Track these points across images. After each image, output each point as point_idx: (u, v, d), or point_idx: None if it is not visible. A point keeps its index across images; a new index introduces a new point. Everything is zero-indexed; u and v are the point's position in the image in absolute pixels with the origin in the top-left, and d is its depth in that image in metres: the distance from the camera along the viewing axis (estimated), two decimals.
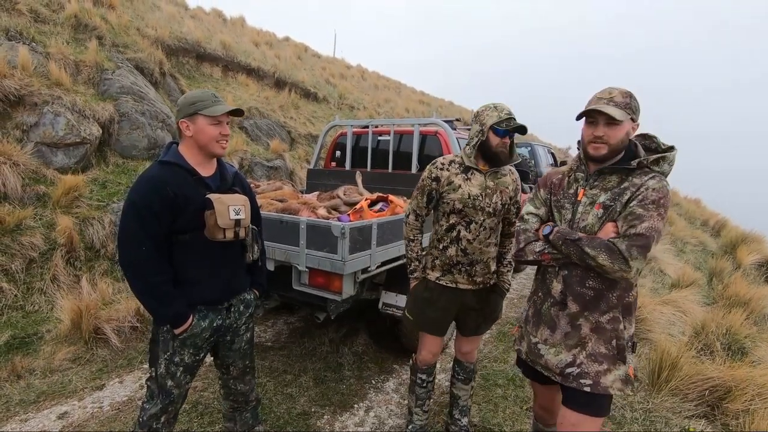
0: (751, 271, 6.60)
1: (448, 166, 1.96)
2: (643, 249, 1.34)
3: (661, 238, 1.38)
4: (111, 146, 5.21)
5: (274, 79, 10.02)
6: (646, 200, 1.37)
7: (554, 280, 1.57)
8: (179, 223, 1.56)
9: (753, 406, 2.51)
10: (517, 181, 2.03)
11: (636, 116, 1.45)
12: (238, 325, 1.79)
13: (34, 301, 3.52)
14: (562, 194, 1.59)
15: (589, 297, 1.48)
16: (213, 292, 1.68)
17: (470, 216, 1.91)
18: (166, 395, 1.63)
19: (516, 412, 2.60)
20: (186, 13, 10.87)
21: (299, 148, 8.38)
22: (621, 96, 1.43)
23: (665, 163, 1.46)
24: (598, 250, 1.38)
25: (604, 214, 1.45)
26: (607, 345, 1.47)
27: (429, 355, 2.14)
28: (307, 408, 2.58)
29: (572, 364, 1.51)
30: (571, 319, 1.52)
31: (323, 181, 4.10)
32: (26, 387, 2.67)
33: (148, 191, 1.52)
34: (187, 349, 1.62)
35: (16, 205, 3.91)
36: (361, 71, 18.03)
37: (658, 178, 1.41)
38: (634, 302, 1.50)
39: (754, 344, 3.54)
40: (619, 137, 1.43)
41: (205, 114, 1.59)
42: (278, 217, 2.51)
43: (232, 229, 1.62)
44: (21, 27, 5.35)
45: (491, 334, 3.79)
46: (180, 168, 1.60)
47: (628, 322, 1.49)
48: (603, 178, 1.50)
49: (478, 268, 1.96)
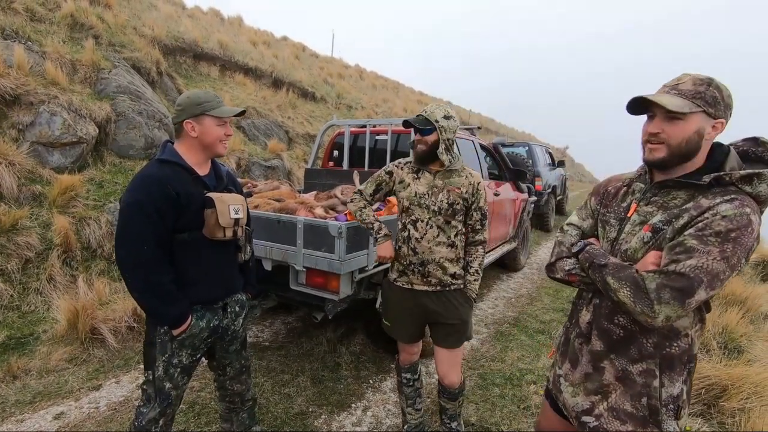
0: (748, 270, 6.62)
1: (404, 166, 2.05)
2: (679, 293, 1.02)
3: (721, 285, 1.03)
4: (108, 146, 5.19)
5: (272, 79, 10.01)
6: (708, 229, 1.03)
7: (585, 308, 1.32)
8: (181, 221, 1.55)
9: (749, 404, 2.51)
10: (476, 186, 1.96)
11: (717, 111, 1.09)
12: (235, 328, 1.80)
13: (30, 301, 3.51)
14: (614, 207, 1.30)
15: (618, 337, 1.21)
16: (210, 292, 1.68)
17: (416, 214, 1.95)
18: (164, 398, 1.61)
19: (513, 411, 2.60)
20: (183, 13, 10.84)
21: (297, 147, 8.37)
22: (692, 83, 1.10)
23: (762, 182, 1.06)
24: (622, 284, 1.10)
25: (651, 239, 1.15)
26: (635, 402, 1.18)
27: (407, 356, 2.16)
28: (305, 408, 2.57)
29: (589, 412, 1.26)
30: (593, 358, 1.26)
31: (321, 180, 4.10)
32: (22, 387, 2.66)
33: (151, 189, 1.49)
34: (185, 350, 1.61)
35: (12, 205, 3.90)
36: (359, 71, 18.03)
37: (739, 203, 1.03)
38: (681, 355, 1.16)
39: (750, 343, 3.55)
40: (683, 136, 1.10)
41: (212, 115, 1.60)
42: (276, 217, 2.51)
43: (231, 228, 1.64)
44: (17, 26, 5.32)
45: (488, 334, 3.79)
46: (179, 167, 1.59)
47: (669, 379, 1.16)
48: (666, 193, 1.17)
49: (431, 268, 1.93)
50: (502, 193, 4.68)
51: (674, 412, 1.16)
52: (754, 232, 1.03)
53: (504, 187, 4.86)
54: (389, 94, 17.02)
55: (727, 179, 1.08)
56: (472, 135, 4.81)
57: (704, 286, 1.01)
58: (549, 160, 10.69)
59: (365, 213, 2.08)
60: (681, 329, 1.16)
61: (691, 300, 1.02)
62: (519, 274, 6.00)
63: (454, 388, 2.07)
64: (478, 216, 1.98)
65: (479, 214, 1.98)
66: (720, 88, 1.09)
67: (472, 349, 3.45)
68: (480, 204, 1.98)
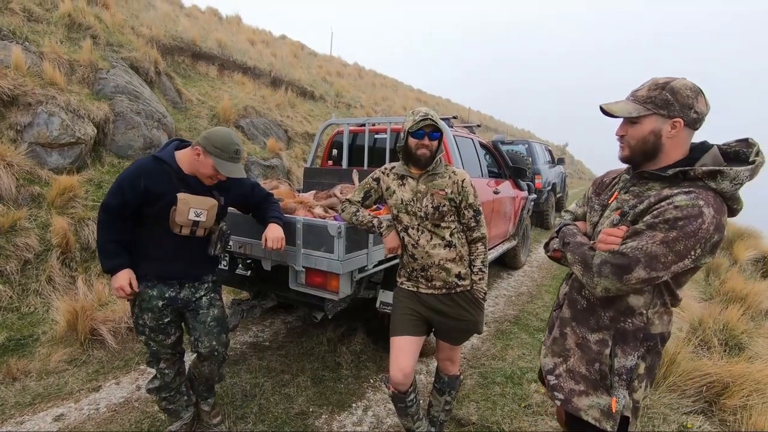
0: (748, 266, 6.61)
1: (389, 172, 2.02)
2: (617, 269, 1.16)
3: (664, 268, 1.13)
4: (106, 146, 5.18)
5: (271, 78, 9.98)
6: (660, 216, 1.14)
7: (565, 282, 1.52)
8: (150, 210, 1.85)
9: (750, 401, 2.51)
10: (461, 183, 1.92)
11: (671, 111, 1.19)
12: (197, 297, 2.05)
13: (30, 302, 3.50)
14: (603, 195, 1.45)
15: (581, 307, 1.39)
16: (164, 270, 1.95)
17: (405, 221, 1.93)
18: (149, 348, 2.04)
19: (514, 410, 2.60)
20: (181, 12, 10.81)
21: (296, 146, 8.35)
22: (647, 88, 1.24)
23: (724, 179, 1.14)
24: (576, 258, 1.30)
25: (619, 221, 1.28)
26: (589, 367, 1.34)
27: (399, 374, 1.89)
28: (305, 408, 2.57)
29: (552, 371, 1.44)
30: (561, 324, 1.45)
31: (320, 179, 4.08)
32: (22, 389, 2.65)
33: (128, 175, 1.84)
34: (145, 313, 1.95)
35: (10, 206, 3.88)
36: (357, 69, 17.98)
37: (694, 195, 1.12)
38: (635, 331, 1.29)
39: (751, 340, 3.55)
40: (639, 136, 1.24)
41: (214, 164, 1.85)
42: None
43: (188, 227, 1.90)
44: (14, 26, 5.30)
45: (489, 332, 3.78)
46: (167, 166, 1.87)
47: (622, 351, 1.29)
48: (643, 184, 1.30)
49: (433, 271, 1.89)
50: (502, 191, 4.67)
51: (627, 382, 1.30)
52: (705, 223, 1.10)
53: (504, 185, 4.85)
54: (388, 92, 16.98)
55: (692, 174, 1.18)
56: (472, 133, 4.80)
57: (642, 266, 1.14)
58: (549, 158, 10.67)
59: (360, 215, 2.04)
60: (636, 308, 1.28)
61: (629, 276, 1.15)
62: (519, 271, 6.00)
63: (447, 374, 2.11)
64: (470, 213, 1.93)
65: (471, 211, 1.93)
66: (675, 90, 1.19)
67: (472, 348, 3.45)
68: (470, 201, 1.92)
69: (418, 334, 1.95)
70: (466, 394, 2.76)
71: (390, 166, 2.06)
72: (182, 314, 2.07)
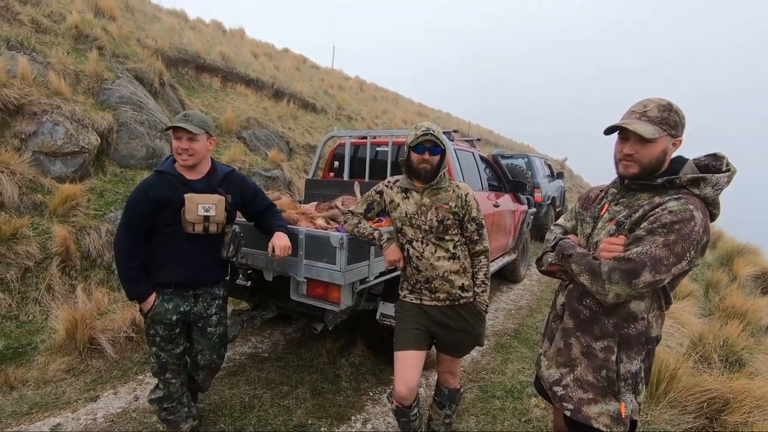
0: (748, 282, 6.61)
1: (393, 185, 2.05)
2: (626, 275, 1.21)
3: (667, 270, 1.21)
4: (109, 155, 5.21)
5: (273, 90, 10.09)
6: (657, 222, 1.22)
7: (561, 293, 1.55)
8: (160, 219, 1.92)
9: (751, 418, 2.49)
10: (465, 197, 1.95)
11: (677, 131, 1.30)
12: (208, 314, 2.11)
13: (29, 310, 3.49)
14: (591, 209, 1.52)
15: (584, 316, 1.42)
16: (177, 275, 1.99)
17: (409, 234, 1.95)
18: (156, 358, 2.06)
19: (514, 425, 2.58)
20: (186, 25, 10.97)
21: (297, 158, 8.40)
22: (657, 110, 1.29)
23: (707, 185, 1.26)
24: (582, 269, 1.32)
25: (616, 231, 1.35)
26: (596, 374, 1.37)
27: (404, 389, 1.87)
28: (304, 420, 2.55)
29: (558, 382, 1.46)
30: (564, 334, 1.47)
31: (321, 191, 4.11)
32: (19, 398, 2.63)
33: (136, 193, 1.94)
34: (157, 325, 2.00)
35: (12, 214, 3.90)
36: (359, 83, 18.18)
37: (684, 200, 1.23)
38: (638, 336, 1.35)
39: (752, 356, 3.54)
40: (652, 156, 1.30)
41: (170, 129, 1.96)
42: None
43: (201, 223, 1.94)
44: (22, 37, 5.38)
45: (489, 346, 3.77)
46: (170, 175, 1.97)
47: (627, 356, 1.35)
48: (632, 195, 1.38)
49: (437, 283, 1.91)
50: (502, 205, 4.70)
51: (632, 386, 1.34)
52: (696, 225, 1.20)
53: (504, 198, 4.88)
54: (389, 105, 17.14)
55: (678, 182, 1.28)
56: (472, 147, 4.85)
57: (648, 269, 1.20)
58: (548, 172, 10.73)
59: (362, 227, 2.05)
60: (638, 313, 1.34)
61: (637, 281, 1.21)
62: (519, 285, 5.99)
63: (447, 387, 2.12)
64: (473, 227, 1.96)
65: (474, 225, 1.96)
66: (678, 112, 1.29)
67: (472, 361, 3.43)
68: (473, 215, 1.96)
69: (423, 348, 1.96)
70: (466, 408, 2.74)
71: (393, 179, 2.08)
72: (189, 325, 2.13)
